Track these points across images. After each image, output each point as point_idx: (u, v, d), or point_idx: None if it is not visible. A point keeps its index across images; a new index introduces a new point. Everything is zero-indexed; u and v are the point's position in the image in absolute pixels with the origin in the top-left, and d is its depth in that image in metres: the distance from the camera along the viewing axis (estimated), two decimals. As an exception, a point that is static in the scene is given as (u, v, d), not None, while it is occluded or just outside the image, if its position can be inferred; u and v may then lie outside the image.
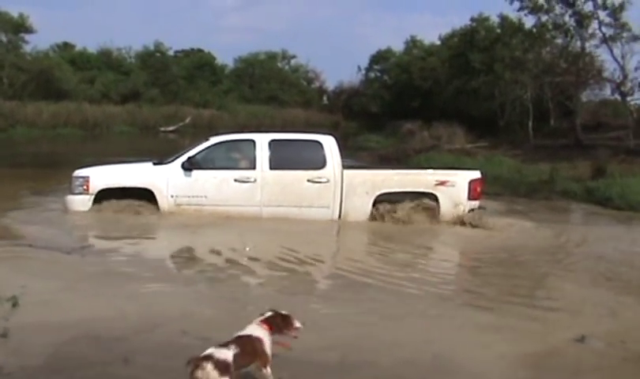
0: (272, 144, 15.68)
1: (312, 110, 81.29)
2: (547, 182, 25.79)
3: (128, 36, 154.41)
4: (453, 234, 15.11)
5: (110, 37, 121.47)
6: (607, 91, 43.86)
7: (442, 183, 15.58)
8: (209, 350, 5.44)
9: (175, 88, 74.98)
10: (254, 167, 15.50)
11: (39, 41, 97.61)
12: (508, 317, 8.96)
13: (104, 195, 15.41)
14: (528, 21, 44.53)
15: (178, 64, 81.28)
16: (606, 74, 41.43)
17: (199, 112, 68.42)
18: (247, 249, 12.62)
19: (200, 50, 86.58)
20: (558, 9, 41.37)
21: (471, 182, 15.65)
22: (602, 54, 41.98)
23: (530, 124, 42.89)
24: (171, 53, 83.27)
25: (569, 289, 10.80)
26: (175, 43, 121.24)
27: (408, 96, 63.57)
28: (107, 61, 76.04)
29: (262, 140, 15.75)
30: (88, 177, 15.51)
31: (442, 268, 12.61)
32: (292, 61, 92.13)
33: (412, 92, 63.44)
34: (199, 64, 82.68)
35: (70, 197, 15.62)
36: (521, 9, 42.42)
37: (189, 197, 15.39)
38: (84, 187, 15.41)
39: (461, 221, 15.43)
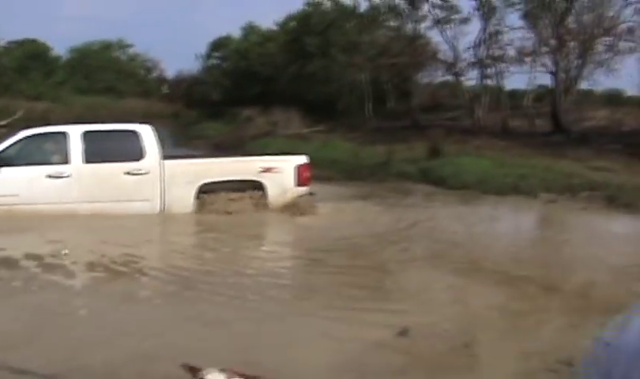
0: (86, 135, 14.65)
1: (152, 100, 79.66)
2: (383, 165, 25.47)
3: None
4: (283, 222, 14.67)
5: None
6: (441, 73, 44.47)
7: (267, 170, 15.04)
8: None
9: (6, 81, 71.96)
10: (67, 162, 14.45)
11: None
12: (336, 313, 8.35)
13: None
14: (362, 5, 44.84)
15: (9, 55, 78.27)
16: (440, 56, 41.93)
17: (32, 105, 65.56)
18: (64, 252, 11.41)
19: (33, 41, 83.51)
20: (391, -10, 41.73)
21: (298, 168, 15.18)
22: (435, 37, 42.63)
23: (368, 107, 43.10)
24: (2, 43, 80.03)
25: (402, 277, 10.52)
26: (9, 33, 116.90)
27: (248, 83, 62.95)
28: None
29: (75, 132, 14.69)
30: None
31: (271, 261, 11.89)
32: (129, 51, 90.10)
33: (252, 79, 62.86)
34: (32, 54, 79.77)
35: None
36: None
37: None
38: None
39: (289, 209, 14.91)
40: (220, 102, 66.17)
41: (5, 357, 6.41)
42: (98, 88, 78.34)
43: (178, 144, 35.49)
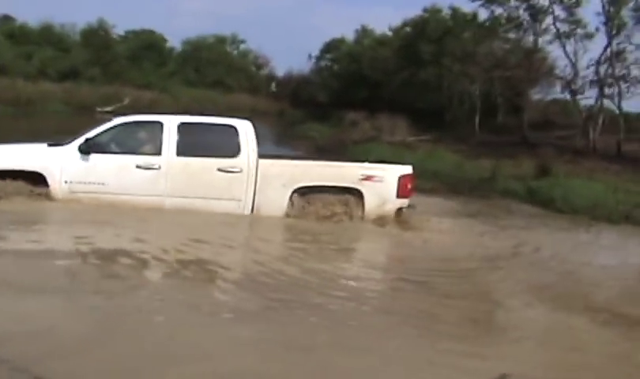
0: (182, 127, 13.81)
1: (259, 96, 79.76)
2: (488, 180, 24.41)
3: (73, 12, 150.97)
4: (380, 236, 13.48)
5: (53, 12, 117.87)
6: (557, 90, 42.88)
7: (368, 178, 13.87)
8: None
9: (117, 68, 72.87)
10: (159, 153, 13.63)
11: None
12: (431, 352, 7.22)
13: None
14: (482, 14, 43.68)
15: (125, 44, 79.31)
16: (557, 72, 40.41)
17: (139, 94, 66.29)
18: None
19: (151, 31, 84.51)
20: (513, 1, 40.52)
21: (401, 178, 13.96)
22: (554, 51, 41.23)
23: (477, 119, 41.95)
24: (120, 32, 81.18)
25: (509, 309, 9.28)
26: (129, 23, 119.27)
27: (357, 86, 62.39)
28: (47, 36, 73.40)
29: (171, 122, 13.86)
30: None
31: (371, 279, 10.81)
32: (242, 46, 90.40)
33: (361, 82, 62.28)
34: (146, 45, 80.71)
35: None
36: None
37: (85, 183, 13.46)
38: None
39: (387, 221, 13.80)
40: (327, 103, 65.78)
41: (68, 363, 6.00)
42: (207, 81, 78.86)
43: (279, 143, 34.85)
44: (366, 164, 14.55)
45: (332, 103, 63.20)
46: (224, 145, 13.87)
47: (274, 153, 16.32)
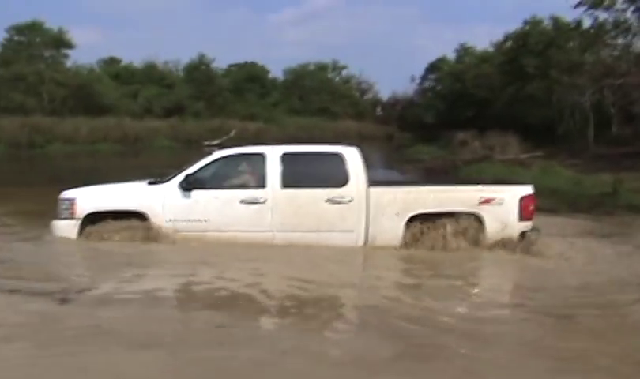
0: (285, 157, 13.26)
1: (365, 121, 79.82)
2: (609, 195, 23.24)
3: (174, 50, 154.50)
4: (507, 264, 12.52)
5: (158, 51, 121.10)
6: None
7: (487, 201, 12.98)
8: None
9: (221, 102, 74.16)
10: (263, 186, 13.13)
11: (85, 57, 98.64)
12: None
13: (96, 219, 13.28)
14: (586, 22, 42.53)
15: (227, 76, 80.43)
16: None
17: (245, 125, 67.02)
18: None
19: (253, 64, 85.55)
20: (619, 4, 39.17)
21: (522, 199, 13.03)
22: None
23: (590, 131, 40.78)
24: (222, 66, 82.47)
25: None
26: (227, 57, 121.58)
27: (462, 105, 62.01)
28: (151, 74, 75.21)
29: (274, 153, 13.32)
30: (74, 199, 13.42)
31: (500, 323, 9.59)
32: (343, 72, 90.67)
33: (466, 101, 61.85)
34: (249, 76, 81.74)
35: (56, 222, 13.51)
36: (578, 5, 40.12)
37: (188, 221, 13.10)
38: (71, 211, 13.33)
39: (511, 247, 12.82)
40: (434, 124, 65.47)
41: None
42: (312, 109, 79.39)
43: (388, 167, 34.42)
44: (484, 187, 13.68)
45: (439, 124, 62.88)
46: (331, 174, 13.24)
47: (385, 179, 15.75)
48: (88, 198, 13.58)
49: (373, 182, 13.42)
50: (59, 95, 59.64)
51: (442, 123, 61.78)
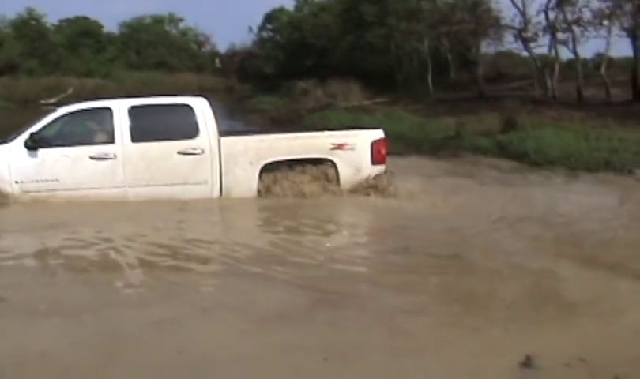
0: (133, 111, 12.90)
1: (205, 74, 79.09)
2: (453, 138, 23.83)
3: (2, 5, 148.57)
4: (363, 206, 12.66)
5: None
6: (508, 40, 42.28)
7: (339, 146, 13.09)
8: None
9: (55, 58, 71.82)
10: (112, 141, 12.74)
11: None
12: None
13: None
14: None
15: (60, 32, 78.10)
16: (506, 22, 39.88)
17: (82, 82, 65.30)
18: None
19: (85, 18, 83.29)
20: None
21: (374, 144, 13.23)
22: (502, 1, 40.75)
23: (429, 77, 41.68)
24: (54, 21, 79.89)
25: (529, 282, 8.27)
26: (58, 12, 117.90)
27: (302, 55, 62.02)
28: (-24, 31, 72.18)
29: (121, 107, 12.93)
30: None
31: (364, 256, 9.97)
32: (180, 25, 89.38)
33: (306, 51, 61.89)
34: (83, 32, 79.56)
35: None
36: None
37: (37, 181, 12.54)
38: None
39: (365, 190, 13.03)
40: (274, 75, 65.36)
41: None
42: (150, 63, 78.03)
43: (232, 119, 34.22)
44: (335, 132, 13.84)
45: (279, 75, 62.83)
46: (181, 126, 13.05)
47: (232, 130, 15.58)
48: None
49: (224, 132, 13.29)
50: None
51: (282, 73, 61.80)
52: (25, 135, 12.68)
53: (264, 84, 61.71)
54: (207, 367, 5.81)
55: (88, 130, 13.21)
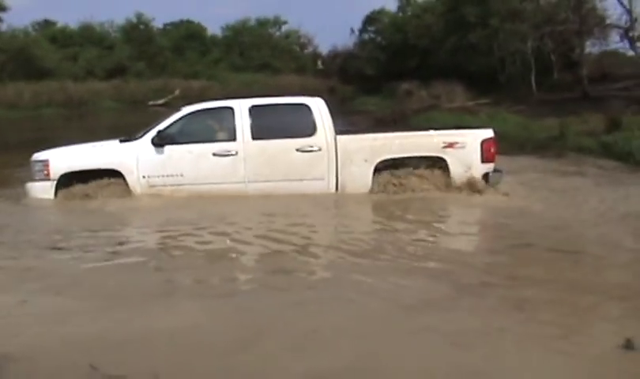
0: (254, 110, 13.71)
1: (307, 75, 79.73)
2: (557, 138, 23.94)
3: (109, 10, 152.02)
4: (476, 203, 13.08)
5: (90, 12, 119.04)
6: (614, 40, 41.70)
7: (450, 145, 13.54)
8: None
9: (162, 61, 73.80)
10: (234, 138, 13.56)
11: (18, 20, 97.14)
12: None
13: (69, 180, 13.67)
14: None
15: (166, 36, 79.99)
16: (612, 21, 39.39)
17: (189, 84, 66.99)
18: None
19: (189, 21, 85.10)
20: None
21: (483, 142, 13.62)
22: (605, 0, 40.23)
23: (533, 78, 41.38)
24: (159, 25, 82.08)
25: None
26: (163, 16, 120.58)
27: (405, 56, 62.01)
28: (89, 36, 74.64)
29: (242, 106, 13.75)
30: (47, 160, 13.69)
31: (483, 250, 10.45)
32: (284, 28, 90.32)
33: (408, 52, 61.85)
34: (188, 35, 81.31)
35: (31, 184, 13.82)
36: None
37: (163, 176, 13.50)
38: (45, 172, 13.61)
39: (475, 187, 13.44)
40: (376, 76, 65.38)
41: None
42: (253, 65, 79.12)
43: (337, 119, 34.69)
44: (446, 131, 14.22)
45: (380, 76, 62.97)
46: (299, 124, 13.74)
47: (349, 129, 16.04)
48: (62, 158, 13.85)
49: (340, 131, 13.93)
50: (-3, 60, 59.19)
51: (383, 74, 61.90)
52: (152, 133, 13.64)
53: (365, 86, 62.05)
54: (340, 342, 6.44)
55: (210, 128, 14.04)
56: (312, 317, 7.08)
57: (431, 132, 14.33)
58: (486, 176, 13.62)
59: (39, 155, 13.91)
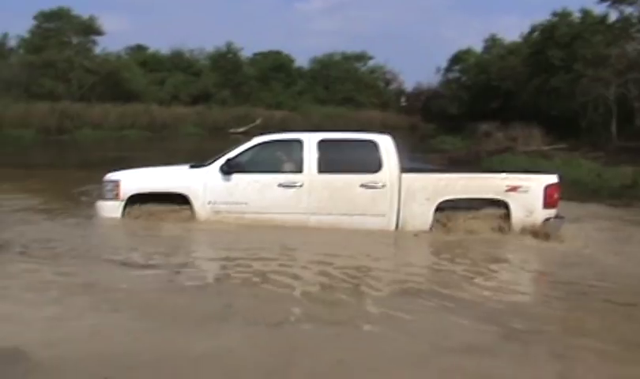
0: (322, 144, 13.97)
1: (390, 111, 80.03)
2: (630, 187, 23.55)
3: (201, 38, 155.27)
4: (534, 248, 12.91)
5: (184, 39, 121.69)
6: None
7: (513, 188, 13.52)
8: None
9: (247, 90, 74.97)
10: (300, 170, 13.85)
11: (112, 44, 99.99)
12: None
13: (138, 201, 14.17)
14: (612, 16, 42.62)
15: (253, 65, 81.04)
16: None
17: (271, 113, 67.86)
18: None
19: (278, 52, 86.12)
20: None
21: (547, 188, 13.56)
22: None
23: (614, 124, 40.89)
24: (247, 54, 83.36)
25: None
26: (253, 46, 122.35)
27: (487, 97, 61.98)
28: (177, 62, 76.17)
29: (310, 140, 14.03)
30: (119, 181, 14.22)
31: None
32: (370, 63, 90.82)
33: (491, 93, 61.81)
34: (275, 65, 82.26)
35: (101, 203, 14.37)
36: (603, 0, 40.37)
37: (228, 203, 13.85)
38: (115, 192, 14.14)
39: (535, 232, 13.34)
40: (458, 115, 65.47)
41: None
42: (337, 98, 79.80)
43: (412, 157, 34.79)
44: (511, 174, 14.10)
45: (463, 115, 63.02)
46: (365, 160, 13.86)
47: (415, 167, 16.14)
48: (132, 180, 14.38)
49: (405, 169, 13.98)
50: (88, 81, 60.90)
51: (466, 114, 61.96)
52: (221, 160, 14.03)
53: (448, 124, 61.95)
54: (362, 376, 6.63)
55: (278, 159, 14.34)
56: (344, 350, 7.24)
57: (495, 174, 14.23)
58: (547, 221, 13.53)
59: (111, 176, 14.42)
